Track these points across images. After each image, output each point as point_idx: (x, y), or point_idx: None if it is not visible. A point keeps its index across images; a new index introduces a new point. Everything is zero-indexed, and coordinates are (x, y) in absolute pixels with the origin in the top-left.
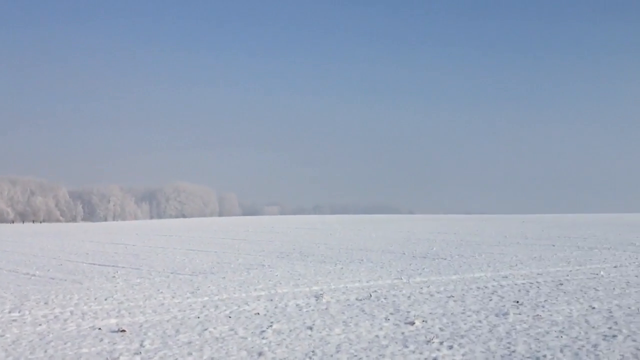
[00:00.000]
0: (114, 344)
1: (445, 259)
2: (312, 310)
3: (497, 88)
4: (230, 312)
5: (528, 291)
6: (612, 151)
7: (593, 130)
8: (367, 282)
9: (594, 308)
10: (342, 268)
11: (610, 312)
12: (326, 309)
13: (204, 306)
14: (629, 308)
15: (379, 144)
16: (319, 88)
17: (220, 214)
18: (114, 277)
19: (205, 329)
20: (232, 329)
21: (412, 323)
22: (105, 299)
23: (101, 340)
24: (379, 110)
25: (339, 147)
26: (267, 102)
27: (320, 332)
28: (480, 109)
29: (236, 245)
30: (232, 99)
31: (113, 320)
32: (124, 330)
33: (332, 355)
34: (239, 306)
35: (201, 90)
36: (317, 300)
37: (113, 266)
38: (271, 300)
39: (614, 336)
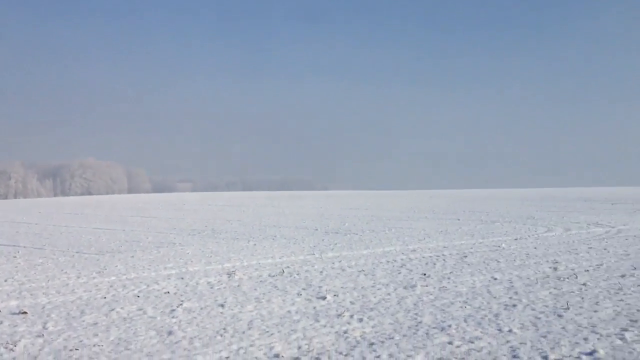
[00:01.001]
0: (15, 326)
1: (357, 234)
2: (224, 287)
3: (408, 63)
4: (139, 292)
5: (435, 264)
6: (513, 129)
7: (495, 106)
8: (280, 258)
9: (495, 279)
10: (254, 245)
11: (511, 282)
12: (238, 286)
13: (111, 286)
14: (528, 278)
15: (292, 120)
16: (229, 62)
17: (130, 191)
18: (15, 257)
19: (112, 309)
20: (140, 309)
21: (324, 298)
22: (5, 280)
23: (0, 322)
24: (291, 85)
25: (251, 123)
26: (176, 74)
27: (232, 310)
28: (391, 84)
29: (146, 222)
30: (139, 71)
31: (13, 302)
32: (25, 312)
33: (243, 332)
34: (148, 285)
35: (107, 63)
36: (229, 277)
37: (14, 246)
38: (182, 278)
39: (514, 305)
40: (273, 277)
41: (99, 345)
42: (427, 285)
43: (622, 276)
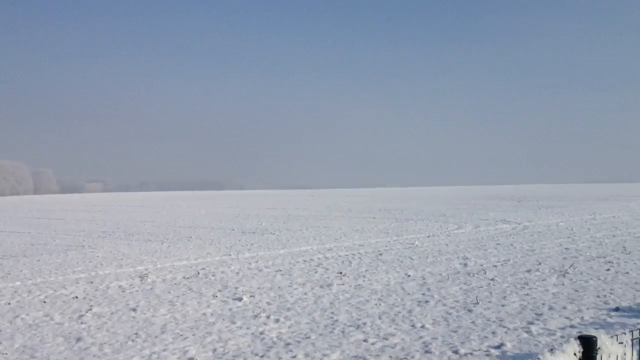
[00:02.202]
0: None
1: (273, 233)
2: (136, 291)
3: (322, 58)
4: (46, 297)
5: (351, 262)
6: (427, 129)
7: (409, 105)
8: (195, 259)
9: (409, 276)
10: (169, 246)
11: (424, 279)
12: (151, 289)
13: (15, 291)
14: (440, 275)
15: (207, 119)
16: (142, 60)
17: (36, 192)
18: None
19: (17, 316)
20: (47, 315)
21: (240, 299)
22: None
23: None
24: (205, 84)
25: (165, 121)
26: (87, 71)
27: (144, 314)
28: (306, 82)
29: (53, 225)
30: (44, 67)
31: None
32: None
33: (156, 337)
34: (55, 290)
35: (9, 60)
36: (141, 280)
37: None
38: (91, 282)
39: (427, 301)
40: (188, 279)
41: (2, 354)
42: (343, 284)
43: (528, 271)
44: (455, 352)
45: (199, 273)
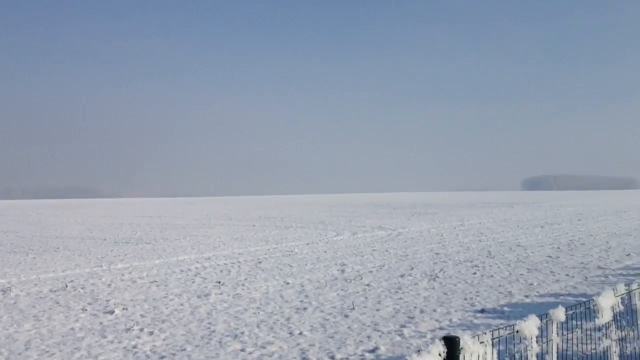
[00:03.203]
0: None
1: (149, 243)
2: None
3: (207, 63)
4: None
5: (230, 271)
6: (307, 137)
7: (291, 113)
8: (63, 271)
9: (288, 283)
10: (34, 258)
11: (303, 286)
12: (14, 303)
13: None
14: (318, 282)
15: (82, 124)
16: (17, 60)
17: None
18: None
19: None
20: None
21: (112, 312)
22: None
23: None
24: (78, 87)
25: (32, 125)
26: None
27: (6, 329)
28: (179, 87)
29: None
30: None
31: None
32: None
33: (20, 354)
34: None
35: None
36: (3, 294)
37: None
38: None
39: (305, 308)
40: (54, 293)
41: None
42: (221, 293)
43: (402, 276)
44: (332, 357)
45: (67, 286)
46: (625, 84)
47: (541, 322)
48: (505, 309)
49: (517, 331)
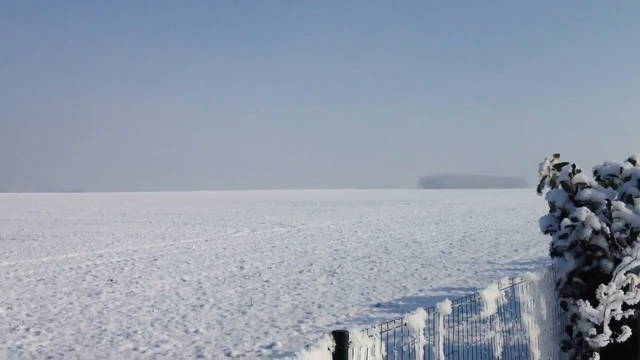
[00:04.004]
0: None
1: (36, 240)
2: None
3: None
4: None
5: (123, 269)
6: (207, 134)
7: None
8: None
9: (185, 281)
10: None
11: (200, 283)
12: None
13: None
14: (216, 278)
15: None
16: None
17: None
18: None
19: None
20: None
21: None
22: None
23: None
24: None
25: None
26: None
27: None
28: (78, 83)
29: None
30: None
31: None
32: None
33: None
34: None
35: None
36: None
37: None
38: None
39: (202, 305)
40: None
41: None
42: (113, 292)
43: (300, 272)
44: (228, 354)
45: None
46: (517, 88)
47: (429, 315)
48: (400, 303)
49: (405, 324)
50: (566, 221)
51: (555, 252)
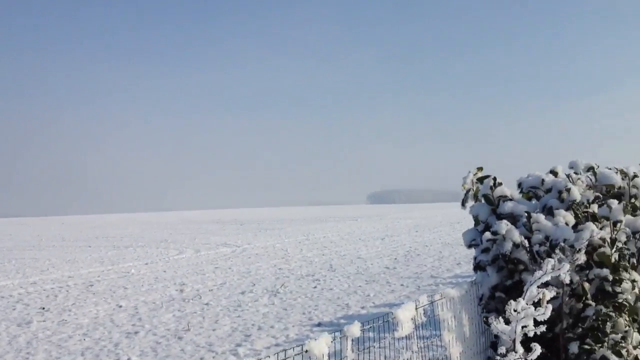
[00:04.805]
0: None
1: None
2: None
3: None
4: None
5: (56, 296)
6: (148, 155)
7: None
8: None
9: (121, 306)
10: None
11: (136, 309)
12: None
13: None
14: (154, 303)
15: None
16: None
17: None
18: None
19: None
20: None
21: None
22: None
23: None
24: None
25: None
26: None
27: None
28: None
29: None
30: None
31: None
32: None
33: None
34: None
35: None
36: None
37: None
38: None
39: (137, 332)
40: None
41: None
42: (44, 320)
43: (242, 293)
44: None
45: None
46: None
47: (334, 339)
48: (342, 321)
49: (307, 351)
50: (487, 235)
51: (478, 266)
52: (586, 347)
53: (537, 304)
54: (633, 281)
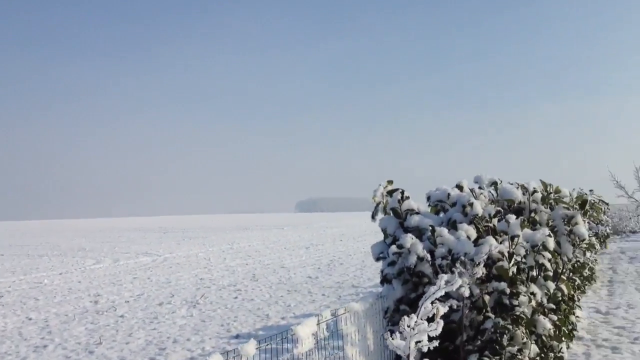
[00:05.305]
0: None
1: None
2: None
3: None
4: None
5: None
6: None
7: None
8: None
9: (30, 319)
10: None
11: (47, 321)
12: None
13: None
14: (66, 315)
15: None
16: None
17: None
18: None
19: None
20: None
21: None
22: None
23: None
24: None
25: None
26: None
27: None
28: None
29: None
30: None
31: None
32: None
33: None
34: None
35: None
36: None
37: None
38: None
39: (45, 346)
40: None
41: None
42: None
43: (160, 304)
44: None
45: None
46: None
47: (227, 358)
48: (260, 332)
49: None
50: (393, 248)
51: (384, 279)
52: (485, 359)
53: (432, 319)
54: (532, 294)
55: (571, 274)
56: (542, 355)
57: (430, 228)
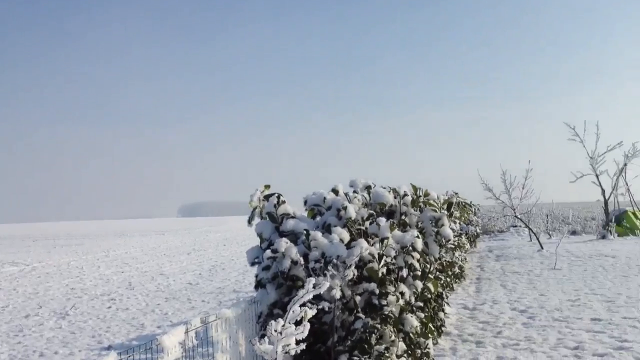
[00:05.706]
0: None
1: None
2: None
3: None
4: None
5: None
6: None
7: None
8: None
9: None
10: None
11: None
12: None
13: None
14: None
15: None
16: None
17: None
18: None
19: None
20: None
21: None
22: None
23: None
24: None
25: None
26: None
27: None
28: None
29: None
30: None
31: None
32: None
33: None
34: None
35: None
36: None
37: None
38: None
39: None
40: None
41: None
42: None
43: (26, 316)
44: None
45: None
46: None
47: None
48: (134, 342)
49: None
50: (268, 253)
51: (259, 284)
52: (355, 359)
53: (300, 322)
54: (401, 293)
55: (439, 272)
56: (409, 352)
57: (305, 232)
